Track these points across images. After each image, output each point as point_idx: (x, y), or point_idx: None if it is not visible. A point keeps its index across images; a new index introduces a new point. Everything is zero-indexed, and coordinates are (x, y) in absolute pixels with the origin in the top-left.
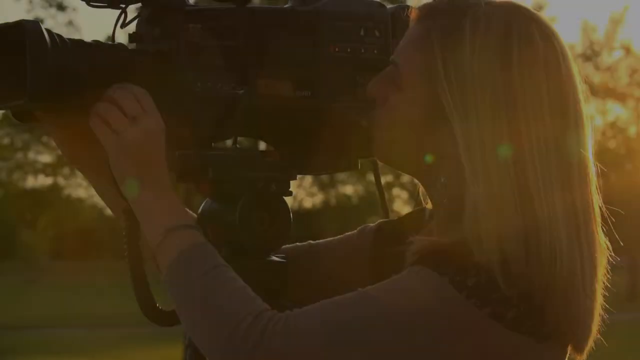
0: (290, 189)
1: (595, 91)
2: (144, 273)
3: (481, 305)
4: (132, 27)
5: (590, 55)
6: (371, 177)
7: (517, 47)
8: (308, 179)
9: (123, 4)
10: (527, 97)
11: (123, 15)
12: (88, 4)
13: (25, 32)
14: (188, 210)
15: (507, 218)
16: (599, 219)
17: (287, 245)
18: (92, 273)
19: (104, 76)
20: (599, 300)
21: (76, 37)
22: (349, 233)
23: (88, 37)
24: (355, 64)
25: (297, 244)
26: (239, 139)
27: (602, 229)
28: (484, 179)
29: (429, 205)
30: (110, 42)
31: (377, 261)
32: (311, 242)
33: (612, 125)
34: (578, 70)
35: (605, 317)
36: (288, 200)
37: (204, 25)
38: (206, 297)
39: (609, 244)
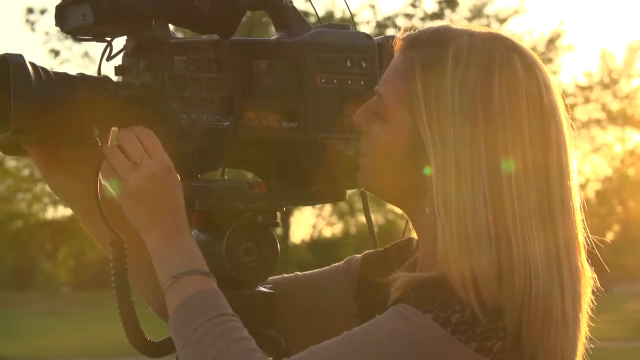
0: (277, 220)
1: (613, 119)
2: (132, 305)
3: (467, 341)
4: (118, 60)
5: (608, 83)
6: (389, 205)
7: (498, 78)
8: (327, 207)
9: (108, 37)
10: (507, 129)
11: (109, 48)
12: (74, 38)
13: (9, 65)
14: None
15: (480, 254)
16: (583, 249)
17: (274, 277)
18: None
19: (88, 109)
20: (584, 331)
21: (92, 68)
22: (336, 264)
23: (103, 69)
24: (341, 95)
25: (284, 275)
26: (226, 170)
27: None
28: (456, 213)
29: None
30: (95, 75)
31: (363, 292)
32: (298, 273)
33: (631, 152)
34: (563, 101)
35: (617, 345)
36: (304, 230)
37: (189, 57)
38: (203, 348)
39: (594, 275)
